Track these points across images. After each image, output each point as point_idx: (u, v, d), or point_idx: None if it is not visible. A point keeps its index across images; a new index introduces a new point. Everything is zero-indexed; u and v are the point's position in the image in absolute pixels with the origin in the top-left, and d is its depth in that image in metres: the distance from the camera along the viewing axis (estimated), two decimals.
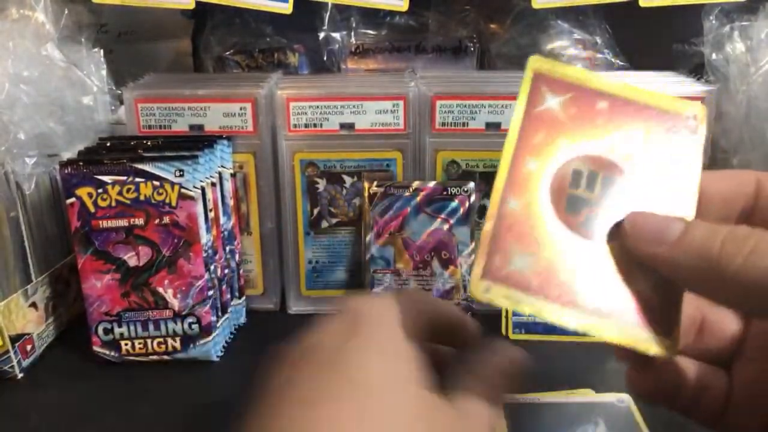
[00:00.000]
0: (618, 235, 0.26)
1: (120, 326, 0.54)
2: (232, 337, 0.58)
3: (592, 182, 0.27)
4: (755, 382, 0.28)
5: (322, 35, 0.74)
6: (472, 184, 0.58)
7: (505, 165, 0.27)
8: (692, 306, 0.28)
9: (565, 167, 0.27)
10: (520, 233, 0.26)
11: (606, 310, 0.26)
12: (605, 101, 0.28)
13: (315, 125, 0.58)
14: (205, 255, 0.53)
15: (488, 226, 0.27)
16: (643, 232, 0.25)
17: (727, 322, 0.30)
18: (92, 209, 0.51)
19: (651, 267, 0.25)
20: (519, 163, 0.27)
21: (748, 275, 0.22)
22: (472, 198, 0.58)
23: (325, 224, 0.61)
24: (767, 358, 0.28)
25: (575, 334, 0.26)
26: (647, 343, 0.25)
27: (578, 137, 0.27)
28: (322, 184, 0.60)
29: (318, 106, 0.58)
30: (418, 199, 0.58)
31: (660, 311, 0.25)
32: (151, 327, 0.54)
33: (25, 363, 0.54)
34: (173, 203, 0.51)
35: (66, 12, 0.61)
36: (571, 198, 0.27)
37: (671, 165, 0.27)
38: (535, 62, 0.29)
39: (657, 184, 0.27)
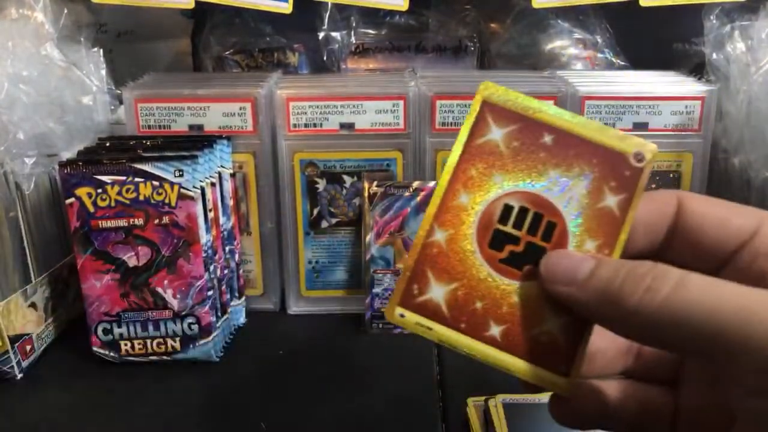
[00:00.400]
0: (533, 275, 0.27)
1: (119, 326, 0.54)
2: (231, 337, 0.58)
3: (521, 220, 0.27)
4: (701, 402, 0.28)
5: (321, 35, 0.74)
6: None
7: (438, 194, 0.27)
8: None
9: (497, 202, 0.27)
10: (441, 264, 0.27)
11: (513, 346, 0.26)
12: (551, 135, 0.27)
13: (315, 125, 0.58)
14: (204, 255, 0.53)
15: (412, 254, 0.27)
16: (555, 272, 0.26)
17: None
18: (92, 209, 0.51)
19: (562, 306, 0.26)
20: (451, 195, 0.27)
21: (644, 312, 0.23)
22: None
23: (324, 224, 0.61)
24: (707, 381, 0.28)
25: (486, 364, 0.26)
26: (547, 381, 0.26)
27: (516, 173, 0.27)
28: (321, 184, 0.60)
29: (318, 106, 0.58)
30: (418, 199, 0.58)
31: (564, 351, 0.26)
32: (150, 327, 0.54)
33: (25, 363, 0.54)
34: (173, 203, 0.51)
35: (65, 12, 0.61)
36: (497, 234, 0.27)
37: (608, 206, 0.27)
38: (485, 90, 0.28)
39: (588, 226, 0.27)
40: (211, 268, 0.54)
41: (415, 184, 0.58)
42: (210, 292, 0.54)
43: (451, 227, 0.27)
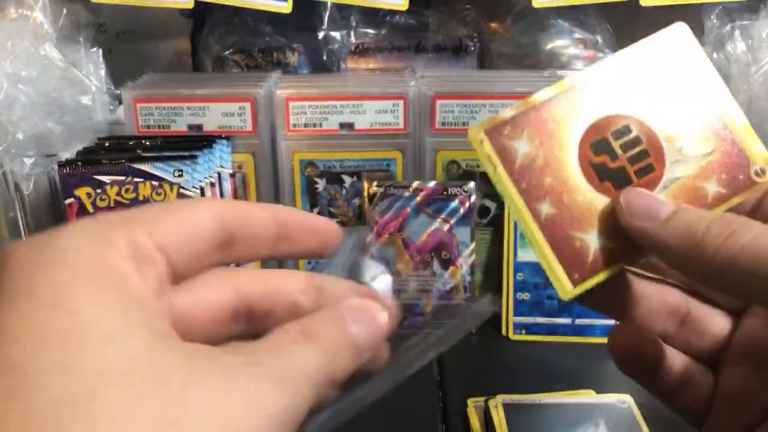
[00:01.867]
0: (607, 192, 0.27)
1: None
2: None
3: (630, 145, 0.28)
4: (739, 389, 0.28)
5: (321, 34, 0.74)
6: (472, 184, 0.57)
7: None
8: (679, 298, 0.30)
9: (621, 118, 0.28)
10: (539, 130, 0.28)
11: (550, 230, 0.27)
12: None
13: (314, 125, 0.58)
14: None
15: (530, 102, 0.28)
16: (638, 206, 0.26)
17: (712, 322, 0.30)
18: (91, 209, 0.51)
19: (612, 232, 0.27)
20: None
21: (724, 255, 0.24)
22: (472, 198, 0.58)
23: None
24: (751, 364, 0.28)
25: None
26: (555, 276, 0.27)
27: (653, 110, 0.28)
28: (321, 184, 0.60)
29: (317, 106, 0.57)
30: (418, 199, 0.57)
31: (587, 264, 0.27)
32: None
33: None
34: None
35: (64, 12, 0.60)
36: (604, 141, 0.28)
37: (706, 189, 0.28)
38: (476, 131, 0.27)
39: (678, 192, 0.27)
40: None
41: (415, 184, 0.58)
42: None
43: (566, 112, 0.28)
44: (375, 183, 0.58)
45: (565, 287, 0.27)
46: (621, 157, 0.27)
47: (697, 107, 0.28)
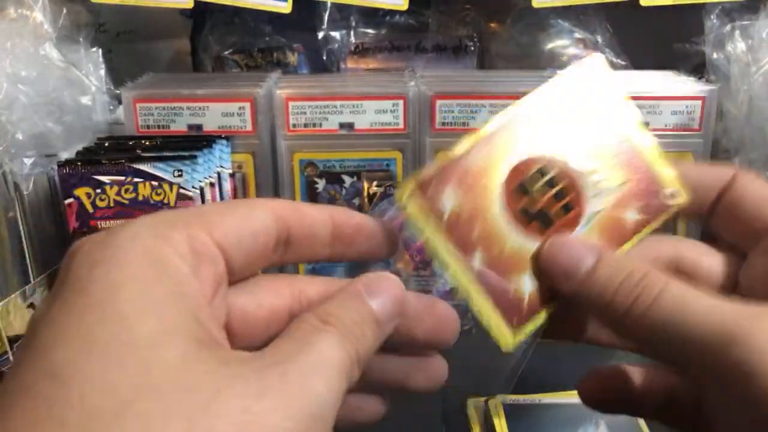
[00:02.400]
0: (534, 235, 0.27)
1: None
2: None
3: (550, 185, 0.28)
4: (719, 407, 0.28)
5: (321, 34, 0.74)
6: None
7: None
8: None
9: (539, 162, 0.28)
10: (464, 181, 0.27)
11: (484, 282, 0.27)
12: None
13: (314, 125, 0.58)
14: None
15: (450, 156, 0.27)
16: (555, 264, 0.26)
17: None
18: (90, 209, 0.51)
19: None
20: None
21: (628, 322, 0.24)
22: None
23: None
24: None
25: (448, 290, 0.27)
26: (494, 327, 0.27)
27: (572, 150, 0.28)
28: (321, 184, 0.59)
29: (317, 106, 0.57)
30: None
31: (524, 310, 0.27)
32: None
33: None
34: (172, 203, 0.51)
35: (64, 11, 0.60)
36: (524, 185, 0.28)
37: (625, 219, 0.28)
38: (402, 192, 0.27)
39: (601, 226, 0.28)
40: None
41: None
42: None
43: (486, 159, 0.28)
44: (375, 183, 0.58)
45: (506, 339, 0.27)
46: (542, 199, 0.28)
47: (609, 138, 0.28)
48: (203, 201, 0.52)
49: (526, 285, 0.27)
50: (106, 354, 0.18)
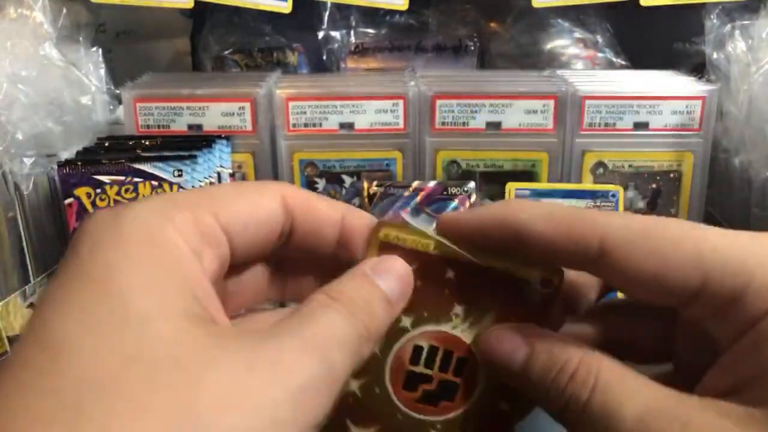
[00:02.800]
0: (450, 410, 0.27)
1: None
2: None
3: (432, 358, 0.27)
4: None
5: (321, 34, 0.74)
6: (472, 184, 0.57)
7: None
8: None
9: (408, 345, 0.27)
10: (358, 413, 0.27)
11: None
12: (453, 270, 0.26)
13: (314, 125, 0.58)
14: None
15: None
16: (492, 359, 0.26)
17: None
18: (90, 209, 0.51)
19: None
20: None
21: (574, 413, 0.23)
22: (472, 198, 0.58)
23: None
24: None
25: None
26: None
27: (422, 313, 0.26)
28: (321, 184, 0.59)
29: (317, 106, 0.57)
30: (418, 199, 0.57)
31: None
32: None
33: None
34: None
35: (64, 11, 0.60)
36: (410, 375, 0.27)
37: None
38: (382, 230, 0.26)
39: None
40: None
41: (415, 184, 0.57)
42: None
43: (364, 375, 0.27)
44: (375, 183, 0.58)
45: None
46: (434, 374, 0.27)
47: (448, 286, 0.27)
48: None
49: None
50: (99, 328, 0.19)
